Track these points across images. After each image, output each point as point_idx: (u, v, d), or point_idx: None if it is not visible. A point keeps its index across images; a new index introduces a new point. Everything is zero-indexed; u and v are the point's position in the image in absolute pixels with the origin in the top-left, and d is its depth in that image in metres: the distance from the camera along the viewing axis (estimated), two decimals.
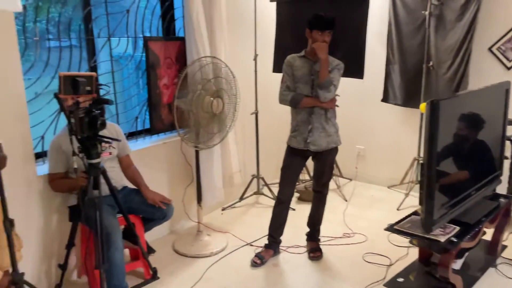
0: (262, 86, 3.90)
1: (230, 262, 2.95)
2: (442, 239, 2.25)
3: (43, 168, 2.58)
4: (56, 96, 2.18)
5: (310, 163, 2.97)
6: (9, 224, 1.91)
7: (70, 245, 2.51)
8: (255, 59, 3.77)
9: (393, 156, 4.21)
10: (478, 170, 2.63)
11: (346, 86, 3.47)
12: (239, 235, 3.31)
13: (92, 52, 2.97)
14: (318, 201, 2.98)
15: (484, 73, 3.51)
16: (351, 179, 4.44)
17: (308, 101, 2.68)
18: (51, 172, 2.51)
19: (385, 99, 4.03)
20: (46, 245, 2.60)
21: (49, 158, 2.51)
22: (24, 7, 2.52)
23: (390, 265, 2.83)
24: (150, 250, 3.01)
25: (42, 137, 2.70)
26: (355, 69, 3.40)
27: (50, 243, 2.62)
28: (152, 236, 3.13)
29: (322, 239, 3.10)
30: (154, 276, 2.74)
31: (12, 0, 1.68)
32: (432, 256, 2.74)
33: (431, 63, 3.59)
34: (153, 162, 3.12)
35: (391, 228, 2.43)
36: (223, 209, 3.85)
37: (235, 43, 3.64)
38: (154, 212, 2.68)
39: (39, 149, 2.67)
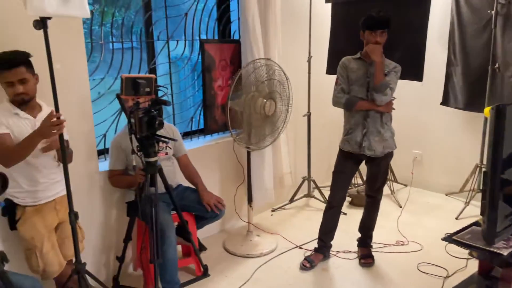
0: (315, 87, 3.87)
1: (279, 264, 2.95)
2: (505, 252, 2.10)
3: (105, 165, 2.72)
4: (118, 96, 2.30)
5: (363, 166, 2.90)
6: (74, 216, 2.04)
7: (127, 239, 2.63)
8: (308, 61, 3.74)
9: (452, 162, 4.01)
10: None
11: (403, 89, 3.35)
12: (288, 237, 3.31)
13: (151, 54, 3.10)
14: (371, 206, 2.90)
15: None
16: (406, 185, 4.29)
17: (364, 104, 2.62)
18: (111, 168, 2.65)
19: (445, 102, 3.84)
20: (106, 238, 2.75)
21: (110, 155, 2.65)
22: (92, 12, 2.68)
23: (447, 276, 2.70)
24: (202, 248, 3.09)
25: (104, 135, 2.86)
26: (413, 71, 3.27)
27: (109, 236, 2.76)
28: (204, 233, 3.21)
29: (374, 245, 3.02)
30: (205, 273, 2.80)
31: (82, 7, 1.80)
32: (494, 269, 2.57)
33: (497, 65, 3.38)
34: (206, 161, 3.19)
35: (449, 238, 2.31)
36: (273, 211, 3.86)
37: (289, 44, 3.64)
38: (207, 210, 2.74)
39: (101, 147, 2.83)
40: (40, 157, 2.10)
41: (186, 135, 3.34)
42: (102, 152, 2.84)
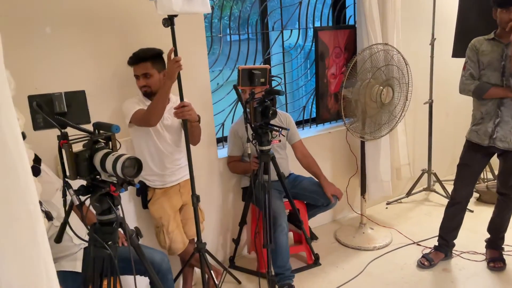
0: (439, 72, 3.56)
1: (394, 259, 2.82)
2: None
3: (223, 152, 2.88)
4: (234, 87, 2.40)
5: (495, 160, 2.59)
6: (195, 199, 2.20)
7: (242, 222, 2.76)
8: (432, 44, 3.45)
9: None
10: None
11: None
12: (404, 232, 3.13)
13: (266, 44, 3.17)
14: (503, 204, 2.59)
15: None
16: None
17: (497, 91, 2.32)
18: (229, 154, 2.80)
19: None
20: (223, 221, 2.92)
21: (228, 142, 2.80)
22: (212, 7, 2.83)
23: None
24: (313, 236, 3.10)
25: (222, 124, 3.02)
26: None
27: (226, 219, 2.93)
28: (315, 223, 3.22)
29: (506, 248, 2.70)
30: (316, 262, 2.81)
31: (204, 4, 1.91)
32: None
33: None
34: (318, 150, 3.18)
35: None
36: (388, 204, 3.68)
37: (409, 27, 3.40)
38: (318, 199, 2.74)
39: (219, 135, 3.00)
40: (168, 145, 2.30)
41: (298, 124, 3.36)
42: (220, 140, 3.01)
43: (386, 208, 3.63)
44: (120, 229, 1.49)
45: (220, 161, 2.83)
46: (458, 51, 3.32)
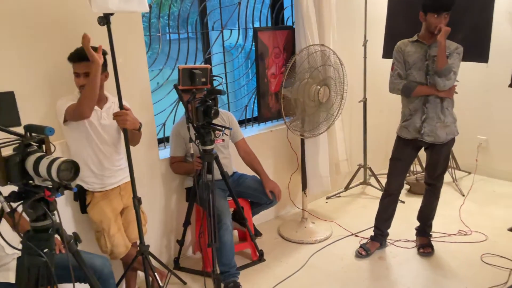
0: (372, 72, 3.76)
1: (334, 251, 2.95)
2: None
3: (165, 153, 2.85)
4: (175, 87, 2.38)
5: (422, 153, 2.80)
6: (137, 201, 2.17)
7: (186, 223, 2.75)
8: (364, 45, 3.64)
9: None
10: None
11: (466, 71, 3.16)
12: (344, 224, 3.28)
13: (206, 44, 3.17)
14: (430, 194, 2.80)
15: None
16: (469, 172, 4.07)
17: (423, 89, 2.51)
18: (171, 155, 2.77)
19: None
20: (167, 222, 2.89)
21: (170, 142, 2.77)
22: (150, 6, 2.78)
23: None
24: (257, 233, 3.16)
25: (164, 124, 2.98)
26: (478, 52, 3.07)
27: (170, 220, 2.90)
28: (259, 220, 3.28)
29: (434, 235, 2.92)
30: (260, 258, 2.87)
31: (141, 3, 1.88)
32: None
33: None
34: (260, 149, 3.23)
35: None
36: (328, 198, 3.84)
37: (344, 29, 3.56)
38: (262, 197, 2.79)
39: (160, 135, 2.96)
40: (107, 146, 2.24)
41: (241, 123, 3.40)
42: (161, 141, 2.97)
43: (326, 202, 3.78)
44: (57, 236, 1.43)
45: (162, 162, 2.79)
46: (387, 52, 3.52)
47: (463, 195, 3.66)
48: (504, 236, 2.81)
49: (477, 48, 3.04)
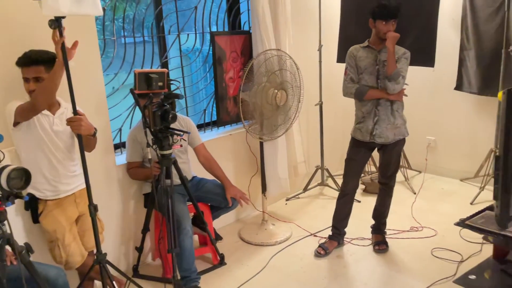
0: (327, 76, 3.87)
1: (294, 251, 3.00)
2: None
3: (121, 158, 2.79)
4: (131, 91, 2.35)
5: (376, 154, 2.92)
6: (93, 209, 2.11)
7: (145, 229, 2.70)
8: (319, 50, 3.74)
9: (467, 147, 3.99)
10: None
11: (415, 75, 3.34)
12: (303, 225, 3.35)
13: (163, 48, 3.14)
14: (384, 193, 2.92)
15: None
16: (420, 171, 4.28)
17: (374, 93, 2.62)
18: (128, 161, 2.72)
19: (459, 87, 3.81)
20: (125, 229, 2.83)
21: (127, 148, 2.72)
22: (104, 9, 2.73)
23: (462, 261, 2.72)
24: (218, 237, 3.16)
25: (120, 130, 2.92)
26: (425, 57, 3.25)
27: (128, 227, 2.84)
28: (220, 223, 3.28)
29: (388, 232, 3.04)
30: (221, 261, 2.87)
31: (94, 5, 1.85)
32: (509, 253, 2.58)
33: (510, 48, 3.33)
34: (219, 152, 3.24)
35: (462, 223, 2.33)
36: (287, 200, 3.90)
37: (299, 34, 3.64)
38: (221, 201, 2.80)
39: (117, 141, 2.90)
40: (61, 151, 2.17)
41: (199, 127, 3.39)
42: (118, 146, 2.91)
43: (286, 204, 3.84)
44: (7, 246, 1.38)
45: (119, 168, 2.74)
46: (341, 57, 3.65)
47: (415, 193, 3.84)
48: (452, 231, 2.97)
49: (424, 53, 3.22)
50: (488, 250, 2.72)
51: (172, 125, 2.37)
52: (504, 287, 2.42)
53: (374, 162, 4.10)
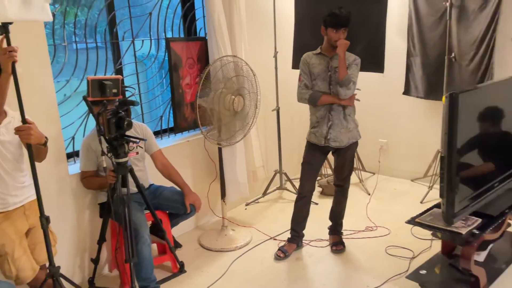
0: (283, 82, 3.94)
1: (254, 256, 3.02)
2: (464, 231, 2.25)
3: (75, 167, 2.71)
4: (84, 98, 2.29)
5: (331, 157, 3.00)
6: (45, 221, 2.03)
7: (101, 240, 2.63)
8: (275, 56, 3.81)
9: (416, 149, 4.19)
10: (501, 162, 2.61)
11: (367, 80, 3.48)
12: (262, 229, 3.38)
13: (117, 54, 3.08)
14: (339, 195, 3.01)
15: (509, 64, 3.44)
16: (374, 173, 4.44)
17: (327, 98, 2.71)
18: (82, 170, 2.64)
19: (407, 92, 4.01)
20: (79, 241, 2.74)
21: (80, 157, 2.64)
22: (53, 14, 2.64)
23: (413, 257, 2.85)
24: (177, 245, 3.13)
25: (73, 138, 2.84)
26: (375, 63, 3.39)
27: (82, 238, 2.75)
28: (179, 231, 3.25)
29: (344, 232, 3.13)
30: (181, 269, 2.84)
31: (43, 11, 1.79)
32: (456, 248, 2.73)
33: (453, 55, 3.55)
34: (177, 159, 3.21)
35: (412, 221, 2.44)
36: (247, 205, 3.92)
37: (255, 41, 3.69)
38: (180, 207, 2.78)
39: (70, 149, 2.81)
40: (8, 162, 2.08)
41: (156, 134, 3.35)
42: (71, 155, 2.82)
43: (245, 209, 3.86)
44: None
45: (72, 178, 2.65)
46: (296, 64, 3.73)
47: (369, 194, 3.98)
48: (404, 229, 3.10)
49: (374, 60, 3.36)
50: (437, 246, 2.87)
51: (127, 132, 2.33)
52: (452, 280, 2.56)
53: (330, 165, 4.21)
